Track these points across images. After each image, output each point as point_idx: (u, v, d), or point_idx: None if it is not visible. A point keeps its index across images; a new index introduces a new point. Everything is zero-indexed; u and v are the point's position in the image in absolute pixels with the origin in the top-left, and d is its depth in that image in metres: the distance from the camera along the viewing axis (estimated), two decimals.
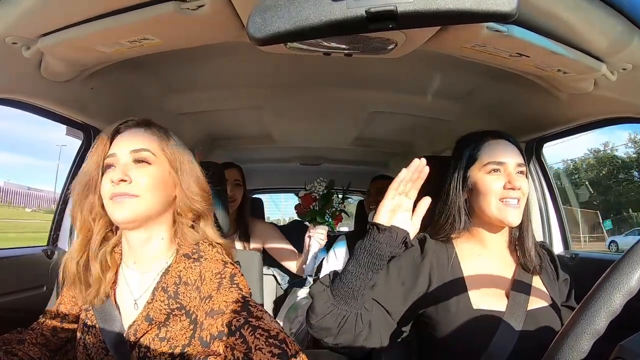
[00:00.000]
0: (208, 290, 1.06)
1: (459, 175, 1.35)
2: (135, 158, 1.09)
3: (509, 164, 1.29)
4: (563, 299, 1.38)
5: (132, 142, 1.11)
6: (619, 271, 0.70)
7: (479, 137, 1.37)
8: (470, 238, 1.36)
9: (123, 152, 1.09)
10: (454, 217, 1.34)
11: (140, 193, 1.07)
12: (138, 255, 1.16)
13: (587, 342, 0.69)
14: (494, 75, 1.65)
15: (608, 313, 0.69)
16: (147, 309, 1.09)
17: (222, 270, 1.10)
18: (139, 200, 1.07)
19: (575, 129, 1.75)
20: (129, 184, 1.06)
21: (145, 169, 1.09)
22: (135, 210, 1.07)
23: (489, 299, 1.26)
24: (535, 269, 1.32)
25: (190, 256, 1.14)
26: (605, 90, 1.34)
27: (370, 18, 0.69)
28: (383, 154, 3.34)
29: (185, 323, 1.08)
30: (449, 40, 1.18)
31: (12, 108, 1.42)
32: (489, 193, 1.28)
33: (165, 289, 1.11)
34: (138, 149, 1.10)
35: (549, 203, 2.04)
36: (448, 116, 2.22)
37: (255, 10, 0.72)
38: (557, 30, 1.10)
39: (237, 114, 2.39)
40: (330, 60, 1.33)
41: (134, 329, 1.08)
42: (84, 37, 1.12)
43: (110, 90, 1.67)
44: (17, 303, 1.41)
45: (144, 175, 1.09)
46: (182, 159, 1.16)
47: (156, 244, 1.16)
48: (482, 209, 1.30)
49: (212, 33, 1.18)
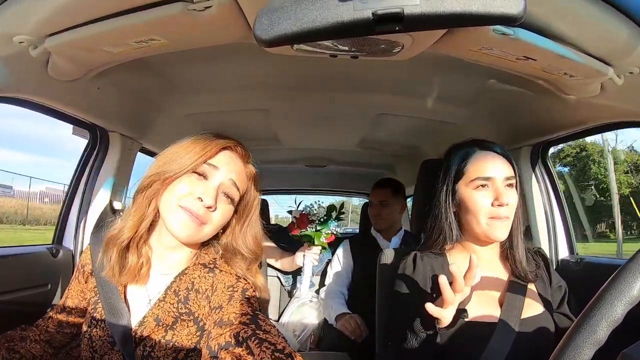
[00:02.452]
0: (219, 301, 1.07)
1: (447, 189, 1.34)
2: (228, 192, 1.14)
3: (497, 178, 1.29)
4: (555, 306, 1.37)
5: (234, 172, 1.16)
6: (621, 280, 0.70)
7: (466, 147, 1.37)
8: (462, 250, 1.36)
9: (221, 175, 1.13)
10: (445, 230, 1.34)
11: (211, 222, 1.11)
12: (163, 258, 1.18)
13: (588, 351, 0.68)
14: (501, 78, 1.65)
15: (609, 322, 0.68)
16: (158, 307, 1.11)
17: (234, 284, 1.11)
18: (206, 227, 1.12)
19: (581, 132, 1.74)
20: (211, 212, 1.10)
21: (228, 206, 1.15)
22: (196, 236, 1.12)
23: (482, 309, 1.27)
24: (529, 277, 1.32)
25: (206, 266, 1.16)
26: (612, 94, 1.33)
27: (376, 20, 0.69)
28: (389, 156, 3.33)
29: (192, 329, 1.09)
30: (456, 43, 1.18)
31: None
32: (478, 211, 1.28)
33: (177, 292, 1.12)
34: (235, 181, 1.15)
35: (555, 207, 2.02)
36: (454, 119, 2.21)
37: (262, 11, 0.72)
38: (564, 34, 1.10)
39: (243, 115, 2.38)
40: (337, 62, 1.33)
41: (141, 327, 1.10)
42: (91, 37, 1.12)
43: (116, 90, 1.67)
44: (22, 301, 1.41)
45: (224, 210, 1.14)
46: (251, 211, 1.22)
47: (183, 253, 1.19)
48: (471, 225, 1.31)
49: (218, 34, 1.18)
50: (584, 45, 1.13)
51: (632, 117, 1.43)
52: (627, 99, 1.33)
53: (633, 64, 1.17)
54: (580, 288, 1.36)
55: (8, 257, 1.56)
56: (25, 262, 1.63)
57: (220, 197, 1.11)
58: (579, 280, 1.44)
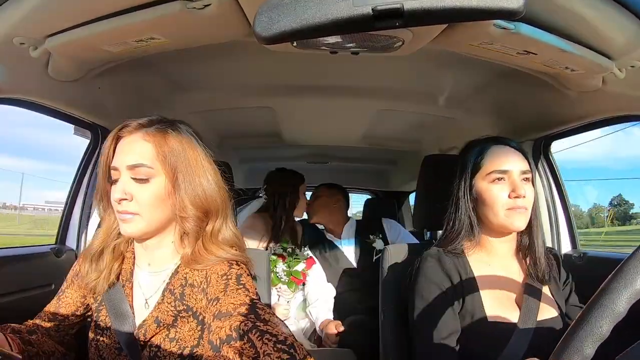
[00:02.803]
0: (215, 293, 1.06)
1: (465, 184, 1.33)
2: (132, 176, 1.07)
3: (514, 171, 1.28)
4: (566, 298, 1.38)
5: (129, 154, 1.08)
6: (624, 274, 0.69)
7: (482, 143, 1.36)
8: (479, 248, 1.36)
9: (122, 166, 1.08)
10: (465, 226, 1.33)
11: (141, 211, 1.08)
12: (151, 258, 1.18)
13: (591, 346, 0.68)
14: (502, 73, 1.64)
15: (612, 317, 0.68)
16: (157, 310, 1.11)
17: (227, 271, 1.10)
18: (140, 218, 1.08)
19: (583, 127, 1.73)
20: (130, 202, 1.07)
21: (145, 186, 1.08)
22: (138, 228, 1.09)
23: (501, 308, 1.27)
24: (545, 279, 1.31)
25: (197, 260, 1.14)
26: (614, 87, 1.32)
27: (376, 16, 0.68)
28: (391, 152, 3.33)
29: (192, 324, 1.09)
30: (456, 38, 1.18)
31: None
32: (495, 203, 1.28)
33: (172, 291, 1.12)
34: (134, 164, 1.07)
35: (557, 202, 2.02)
36: (456, 114, 2.21)
37: (261, 8, 0.72)
38: (565, 28, 1.09)
39: (246, 112, 2.39)
40: (338, 58, 1.33)
41: (143, 330, 1.10)
42: (91, 37, 1.12)
43: (117, 89, 1.67)
44: (25, 301, 1.42)
45: (144, 192, 1.08)
46: (182, 167, 1.10)
47: (167, 247, 1.17)
48: (489, 218, 1.30)
49: (218, 32, 1.18)
50: (585, 39, 1.13)
51: (634, 110, 1.42)
52: (629, 93, 1.32)
53: (635, 58, 1.16)
54: (583, 283, 1.35)
55: (12, 258, 1.56)
56: (28, 262, 1.63)
57: (131, 183, 1.07)
58: (582, 275, 1.44)
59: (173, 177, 1.09)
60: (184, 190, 1.09)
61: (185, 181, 1.10)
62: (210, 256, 1.11)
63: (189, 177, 1.10)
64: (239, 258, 1.16)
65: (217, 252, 1.13)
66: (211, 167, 1.16)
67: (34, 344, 1.07)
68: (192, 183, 1.10)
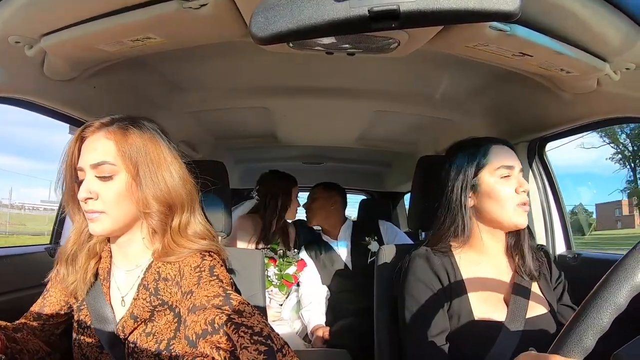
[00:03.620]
0: (188, 286, 1.06)
1: (466, 180, 1.33)
2: (95, 174, 1.08)
3: (516, 168, 1.31)
4: (558, 298, 1.38)
5: (92, 154, 1.09)
6: (625, 267, 0.70)
7: (483, 142, 1.37)
8: (468, 247, 1.36)
9: (86, 166, 1.09)
10: (459, 223, 1.33)
11: (106, 209, 1.08)
12: (124, 254, 1.19)
13: (591, 337, 0.69)
14: (497, 74, 1.65)
15: (613, 309, 0.69)
16: (132, 306, 1.12)
17: (200, 263, 1.10)
18: (106, 216, 1.09)
19: (577, 128, 1.74)
20: (95, 201, 1.08)
21: (108, 184, 1.09)
22: (104, 227, 1.10)
23: (489, 308, 1.27)
24: (534, 275, 1.32)
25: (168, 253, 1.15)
26: (608, 89, 1.33)
27: (372, 17, 0.69)
28: (386, 153, 3.34)
29: (169, 317, 1.10)
30: (452, 40, 1.18)
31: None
32: (505, 199, 1.29)
33: (147, 286, 1.13)
34: (97, 162, 1.08)
35: (552, 203, 2.03)
36: (451, 115, 2.21)
37: (257, 9, 0.72)
38: (560, 30, 1.10)
39: (241, 113, 2.39)
40: (334, 59, 1.33)
41: (121, 326, 1.11)
42: (87, 36, 1.12)
43: (113, 89, 1.67)
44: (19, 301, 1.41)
45: (107, 190, 1.08)
46: (143, 163, 1.10)
47: (138, 243, 1.18)
48: (496, 214, 1.30)
49: (214, 32, 1.18)
50: (580, 42, 1.14)
51: (629, 112, 1.43)
52: (624, 95, 1.33)
53: (629, 60, 1.17)
54: (578, 283, 1.36)
55: (6, 258, 1.55)
56: (23, 263, 1.63)
57: (95, 182, 1.08)
58: (576, 275, 1.44)
59: (135, 173, 1.10)
60: (145, 186, 1.10)
61: (147, 177, 1.10)
62: (181, 249, 1.12)
63: (150, 172, 1.10)
64: (211, 247, 1.16)
65: (187, 244, 1.13)
66: (176, 161, 1.16)
67: (19, 341, 1.07)
68: (154, 178, 1.10)
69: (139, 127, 1.14)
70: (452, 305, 1.27)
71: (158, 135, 1.16)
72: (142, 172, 1.09)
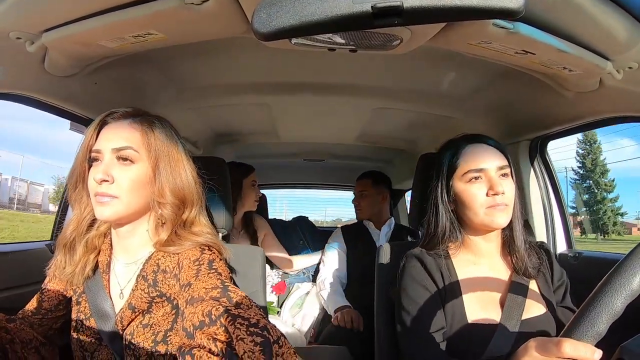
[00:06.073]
0: (187, 278, 1.07)
1: (442, 186, 1.34)
2: (117, 156, 1.10)
3: (490, 169, 1.28)
4: (559, 299, 1.37)
5: (116, 138, 1.12)
6: (620, 274, 0.70)
7: (456, 143, 1.36)
8: (463, 248, 1.36)
9: (106, 149, 1.10)
10: (447, 228, 1.33)
11: (120, 194, 1.10)
12: (125, 246, 1.20)
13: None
14: (500, 72, 1.65)
15: (609, 316, 0.69)
16: (131, 297, 1.13)
17: (199, 257, 1.11)
18: (119, 201, 1.10)
19: (579, 127, 1.74)
20: (110, 184, 1.09)
21: (128, 169, 1.11)
22: (116, 211, 1.10)
23: (483, 310, 1.27)
24: (531, 273, 1.31)
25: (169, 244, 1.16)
26: (611, 88, 1.33)
27: (375, 14, 0.68)
28: (387, 150, 3.33)
29: (167, 308, 1.11)
30: (455, 37, 1.18)
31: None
32: (473, 203, 1.28)
33: (145, 277, 1.13)
34: (120, 147, 1.11)
35: (553, 201, 2.03)
36: (453, 113, 2.21)
37: (260, 5, 0.72)
38: (563, 28, 1.10)
39: (242, 109, 2.39)
40: (336, 55, 1.33)
41: (120, 317, 1.12)
42: (88, 32, 1.12)
43: (114, 85, 1.67)
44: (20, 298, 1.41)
45: (126, 175, 1.10)
46: (164, 157, 1.15)
47: (141, 235, 1.19)
48: (470, 218, 1.30)
49: (216, 28, 1.17)
50: (584, 40, 1.13)
51: (631, 111, 1.43)
52: (626, 94, 1.33)
53: (632, 59, 1.17)
54: (578, 282, 1.36)
55: (6, 254, 1.55)
56: (23, 259, 1.63)
57: (114, 166, 1.10)
58: (577, 274, 1.44)
59: (155, 165, 1.14)
60: (164, 177, 1.13)
61: (166, 170, 1.14)
62: (184, 241, 1.14)
63: (170, 167, 1.15)
64: (213, 242, 1.19)
65: (191, 237, 1.16)
66: (189, 163, 1.21)
67: (10, 331, 1.09)
68: (173, 173, 1.15)
69: (162, 125, 1.19)
70: (446, 307, 1.27)
71: (177, 137, 1.21)
72: (162, 165, 1.14)
